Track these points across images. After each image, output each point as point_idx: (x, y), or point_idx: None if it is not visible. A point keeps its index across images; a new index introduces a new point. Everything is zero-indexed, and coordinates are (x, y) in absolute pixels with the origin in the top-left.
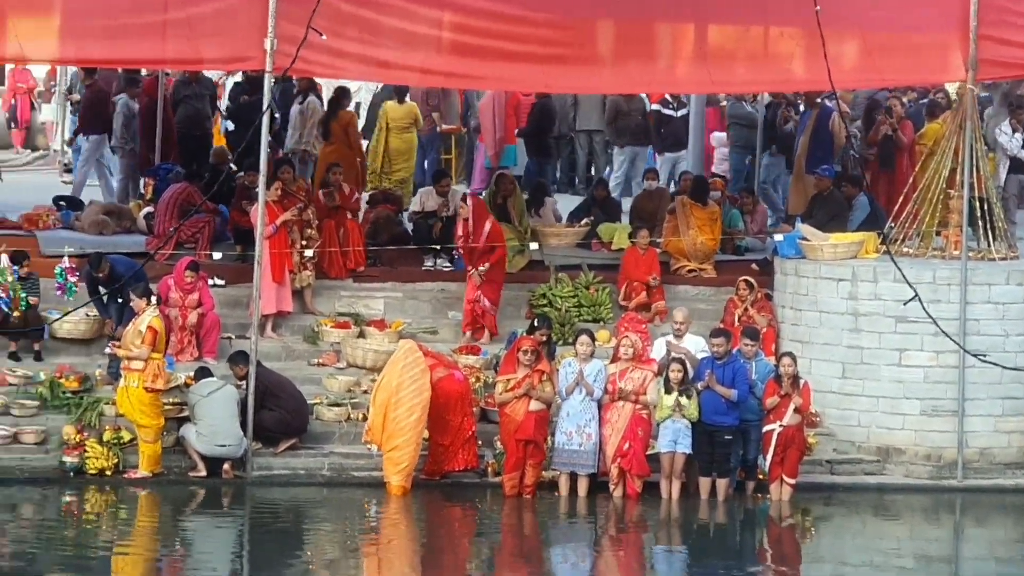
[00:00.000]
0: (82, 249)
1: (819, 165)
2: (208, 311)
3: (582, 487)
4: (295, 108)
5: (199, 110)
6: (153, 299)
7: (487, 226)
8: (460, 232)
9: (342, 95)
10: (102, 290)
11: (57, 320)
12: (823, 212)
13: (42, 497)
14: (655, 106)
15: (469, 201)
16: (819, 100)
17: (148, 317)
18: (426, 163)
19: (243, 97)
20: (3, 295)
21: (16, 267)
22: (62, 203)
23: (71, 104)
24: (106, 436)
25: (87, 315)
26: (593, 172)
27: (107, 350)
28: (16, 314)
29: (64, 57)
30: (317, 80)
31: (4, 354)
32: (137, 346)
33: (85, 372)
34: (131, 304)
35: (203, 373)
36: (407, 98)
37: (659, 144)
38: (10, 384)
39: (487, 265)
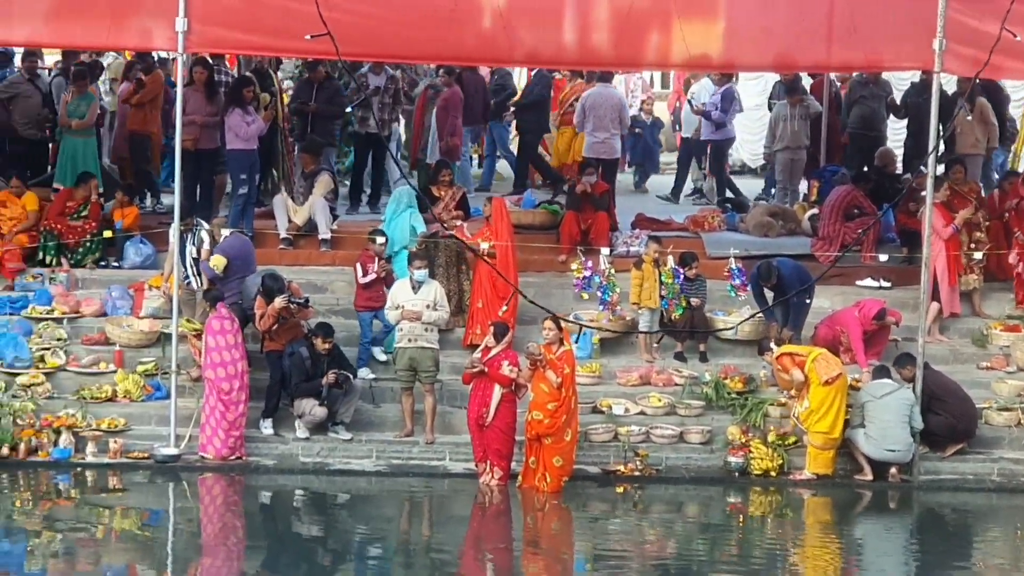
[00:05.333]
0: (746, 251)
1: None
2: None
3: None
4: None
5: (875, 111)
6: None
7: None
8: None
9: None
10: (768, 294)
11: (731, 328)
12: None
13: (707, 496)
14: None
15: None
16: None
17: None
18: None
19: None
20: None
21: (683, 269)
22: (727, 204)
23: None
24: (771, 437)
25: (749, 315)
26: None
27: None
28: (676, 315)
29: (727, 62)
30: None
31: (671, 354)
32: None
33: (750, 373)
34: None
35: (881, 372)
36: None
37: None
38: (676, 384)
39: None
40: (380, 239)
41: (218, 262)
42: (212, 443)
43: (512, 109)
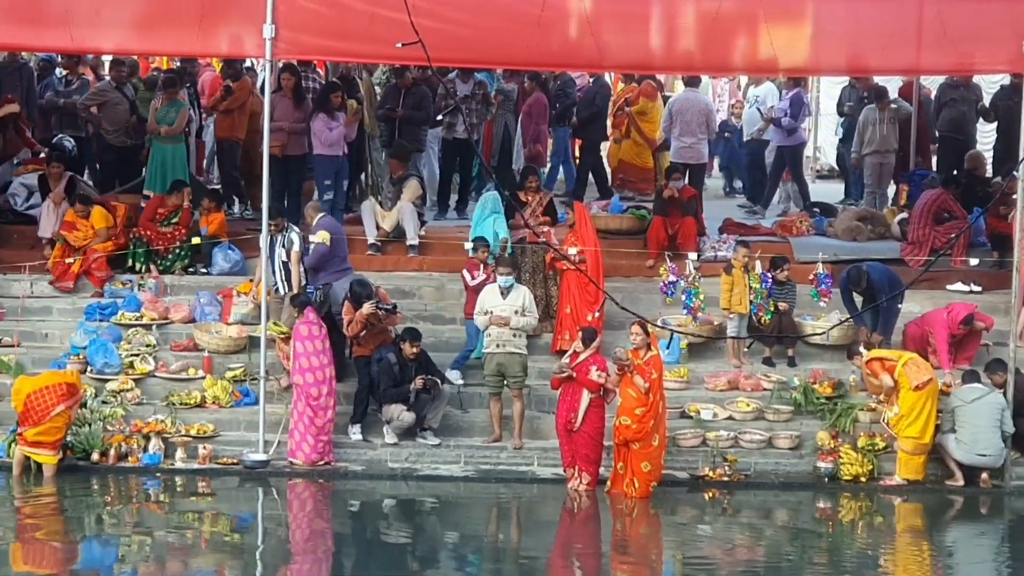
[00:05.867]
0: (835, 255)
1: None
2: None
3: None
4: None
5: (964, 113)
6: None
7: None
8: None
9: None
10: (857, 300)
11: (822, 332)
12: None
13: (796, 502)
14: None
15: None
16: None
17: None
18: None
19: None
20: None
21: (775, 272)
22: (816, 209)
23: None
24: (860, 442)
25: (840, 321)
26: None
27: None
28: (765, 320)
29: (816, 66)
30: None
31: (759, 359)
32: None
33: (839, 378)
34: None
35: (971, 377)
36: None
37: None
38: (764, 389)
39: None
40: (467, 245)
41: (324, 236)
42: (301, 448)
43: (574, 120)
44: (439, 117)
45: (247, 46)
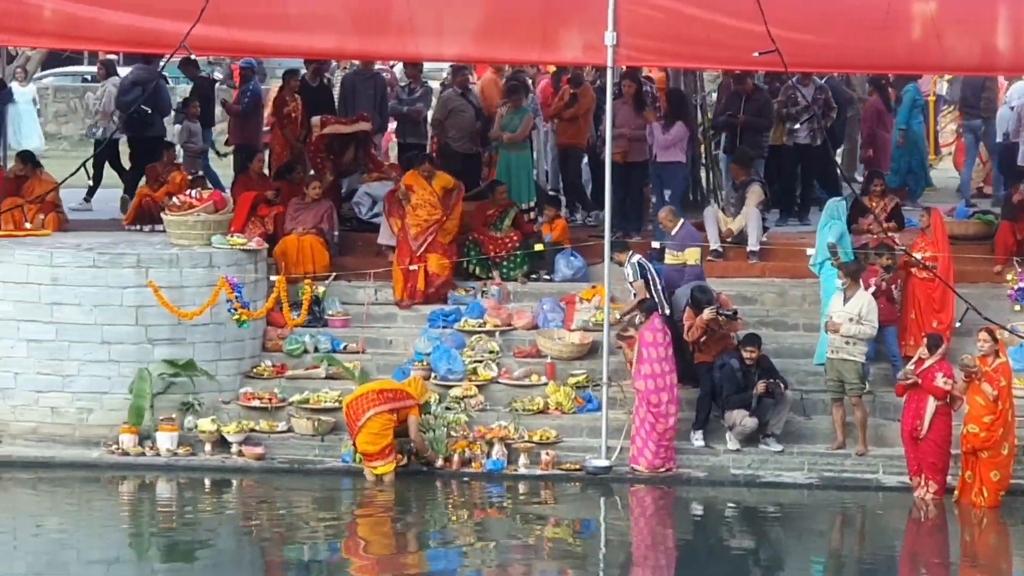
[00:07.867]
0: None
1: None
2: None
3: None
4: None
5: None
6: None
7: None
8: None
9: None
10: None
11: None
12: None
13: None
14: None
15: None
16: None
17: None
18: None
19: None
20: None
21: None
22: None
23: None
24: None
25: None
26: None
27: None
28: None
29: None
30: None
31: None
32: None
33: None
34: None
35: None
36: None
37: None
38: None
39: None
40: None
41: (695, 255)
42: (643, 454)
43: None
44: (795, 127)
45: (588, 53)
